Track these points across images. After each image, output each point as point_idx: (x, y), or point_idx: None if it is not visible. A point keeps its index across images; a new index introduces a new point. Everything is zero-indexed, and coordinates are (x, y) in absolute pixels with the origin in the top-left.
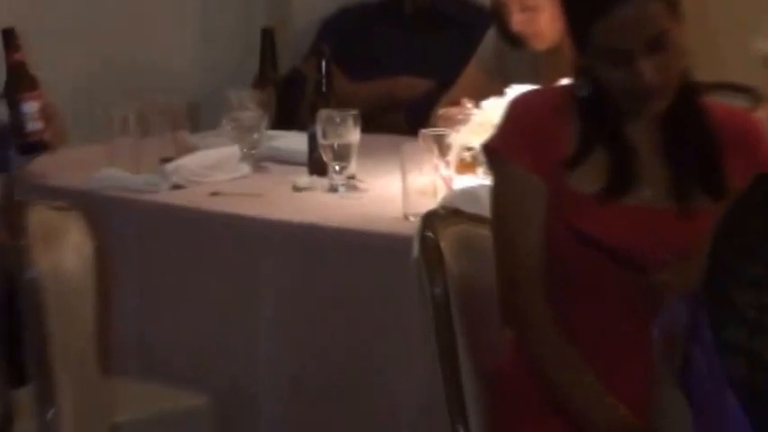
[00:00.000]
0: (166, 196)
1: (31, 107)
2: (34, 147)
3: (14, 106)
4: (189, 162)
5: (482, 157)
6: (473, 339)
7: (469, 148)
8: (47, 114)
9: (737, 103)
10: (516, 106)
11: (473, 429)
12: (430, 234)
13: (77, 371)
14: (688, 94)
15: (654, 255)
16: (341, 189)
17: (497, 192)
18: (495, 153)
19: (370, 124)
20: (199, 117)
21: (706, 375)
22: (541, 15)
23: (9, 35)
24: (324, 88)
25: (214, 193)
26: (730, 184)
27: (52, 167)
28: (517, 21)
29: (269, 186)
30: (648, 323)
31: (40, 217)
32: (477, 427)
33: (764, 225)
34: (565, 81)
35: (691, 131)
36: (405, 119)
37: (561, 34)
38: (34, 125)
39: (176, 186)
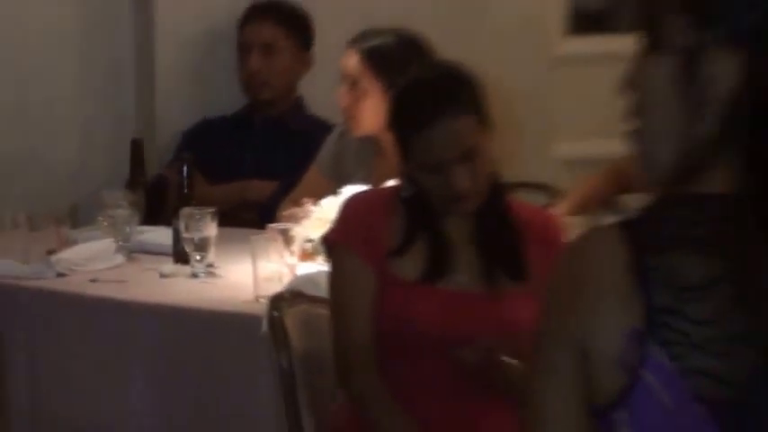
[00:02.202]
0: (52, 283)
1: None
2: None
3: None
4: (71, 254)
5: (321, 248)
6: (314, 401)
7: (310, 240)
8: None
9: (537, 199)
10: (350, 204)
11: None
12: (276, 313)
13: None
14: (496, 194)
15: (465, 332)
16: (201, 275)
17: (333, 276)
18: (331, 244)
19: (227, 221)
20: (78, 215)
21: (662, 394)
22: (366, 102)
23: None
24: (185, 190)
25: (93, 280)
26: (532, 270)
27: None
28: (341, 93)
29: (139, 273)
30: (461, 385)
31: None
32: None
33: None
34: (392, 182)
35: (498, 226)
36: (258, 216)
37: (379, 127)
38: None
39: (60, 274)
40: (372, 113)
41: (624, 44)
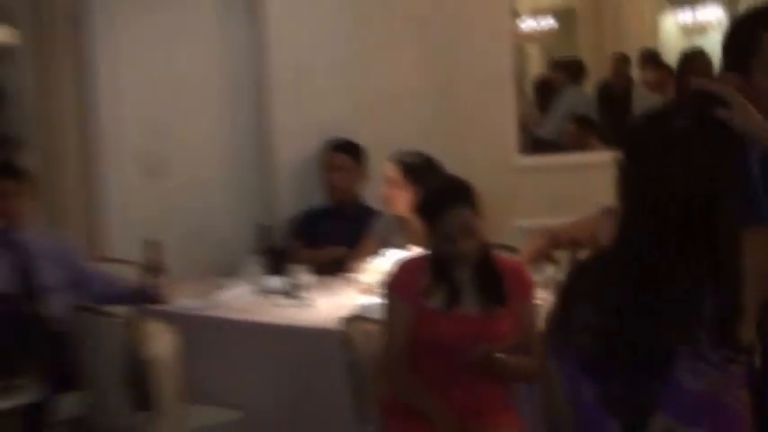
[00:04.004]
0: (214, 311)
1: None
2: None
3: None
4: (224, 295)
5: (380, 288)
6: (373, 389)
7: (369, 283)
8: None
9: (506, 254)
10: (400, 264)
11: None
12: (347, 331)
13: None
14: (485, 253)
15: (471, 340)
16: (301, 305)
17: (385, 309)
18: (386, 287)
19: (319, 272)
20: (231, 270)
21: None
22: (400, 193)
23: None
24: (293, 254)
25: (235, 309)
26: (510, 298)
27: None
28: (384, 189)
29: (263, 305)
30: (470, 374)
31: None
32: (378, 428)
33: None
34: (417, 248)
35: (488, 271)
36: (336, 269)
37: (407, 210)
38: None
39: (215, 307)
40: (404, 201)
41: (554, 159)
